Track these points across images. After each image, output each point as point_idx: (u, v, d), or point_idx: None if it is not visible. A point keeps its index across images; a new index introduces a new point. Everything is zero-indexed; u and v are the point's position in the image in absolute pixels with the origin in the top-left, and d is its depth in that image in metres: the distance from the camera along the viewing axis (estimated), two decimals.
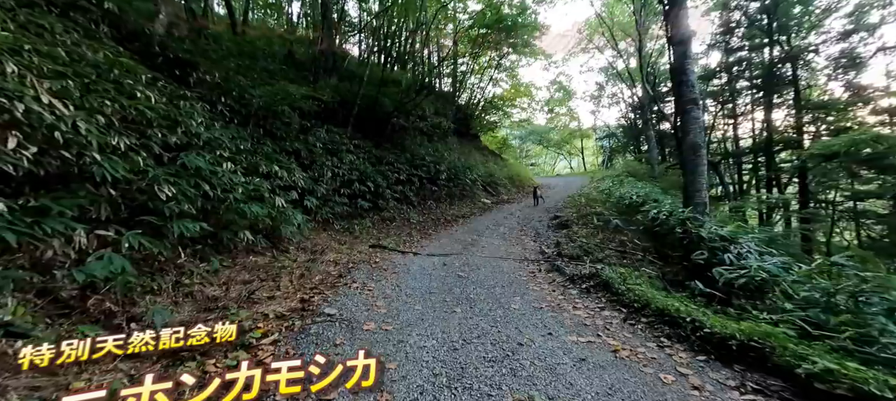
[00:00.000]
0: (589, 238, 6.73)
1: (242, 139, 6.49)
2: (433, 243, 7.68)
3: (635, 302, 3.45)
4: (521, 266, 5.48)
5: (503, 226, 9.69)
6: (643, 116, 22.09)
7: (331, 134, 9.84)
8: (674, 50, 5.94)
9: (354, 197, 8.79)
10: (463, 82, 23.56)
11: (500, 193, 17.24)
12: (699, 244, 4.74)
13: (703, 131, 5.68)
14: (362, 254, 6.09)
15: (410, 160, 12.03)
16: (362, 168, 9.43)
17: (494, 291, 4.25)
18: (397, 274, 4.96)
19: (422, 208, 11.30)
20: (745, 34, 17.36)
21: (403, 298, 3.92)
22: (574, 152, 39.64)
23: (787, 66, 16.31)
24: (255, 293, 3.74)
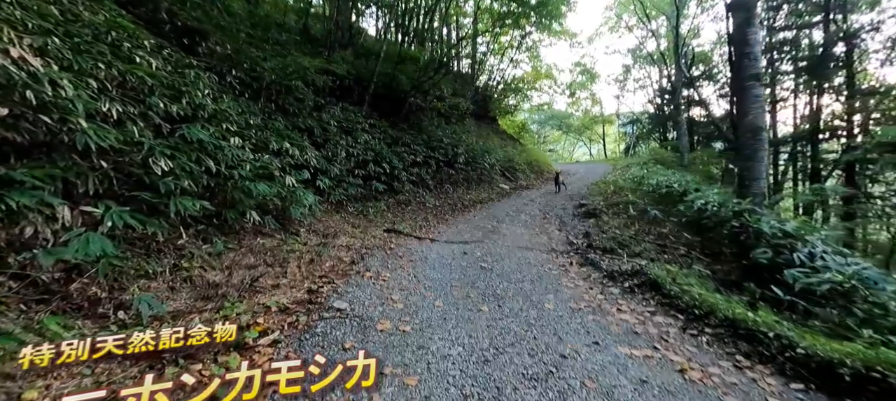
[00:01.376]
0: (622, 229, 6.15)
1: (252, 114, 6.11)
2: (451, 229, 7.24)
3: (695, 308, 2.93)
4: (549, 258, 4.99)
5: (524, 213, 9.16)
6: (674, 100, 20.83)
7: (346, 112, 9.40)
8: (733, 17, 5.19)
9: (369, 178, 8.38)
10: (482, 64, 22.69)
11: (519, 179, 16.60)
12: (759, 241, 4.13)
13: (764, 112, 4.97)
14: (377, 239, 5.70)
15: (427, 142, 11.52)
16: (378, 149, 9.00)
17: (523, 286, 3.78)
18: (414, 262, 4.54)
19: (438, 192, 10.84)
20: (794, 10, 15.88)
21: (422, 291, 3.51)
22: (595, 139, 38.28)
23: (839, 48, 14.87)
24: (259, 280, 3.38)
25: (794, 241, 3.95)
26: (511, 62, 22.65)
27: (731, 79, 5.10)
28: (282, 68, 7.09)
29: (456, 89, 16.15)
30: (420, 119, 12.62)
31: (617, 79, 31.95)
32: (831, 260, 3.58)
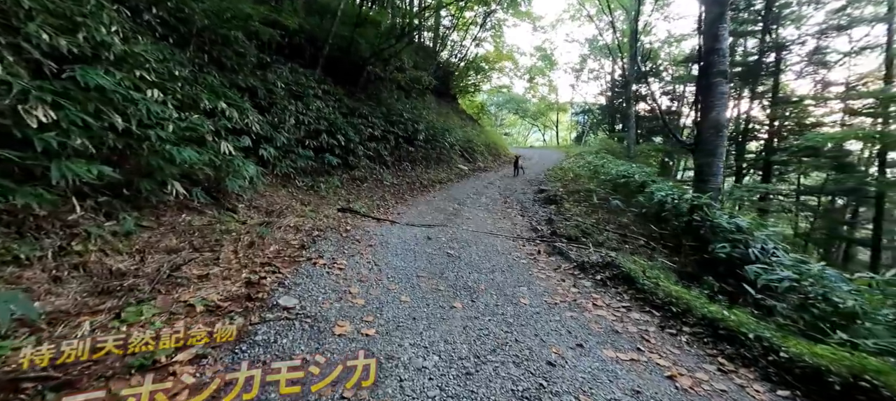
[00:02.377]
0: (584, 217, 6.16)
1: (178, 64, 5.09)
2: (411, 211, 6.81)
3: (671, 304, 2.85)
4: (516, 246, 4.80)
5: (485, 196, 8.98)
6: (625, 93, 21.81)
7: (296, 74, 8.40)
8: (706, 11, 5.20)
9: (321, 150, 7.61)
10: (445, 38, 21.90)
11: (477, 161, 16.46)
12: (716, 235, 4.25)
13: (726, 108, 5.10)
14: (330, 219, 5.12)
15: (386, 115, 10.81)
16: (332, 118, 8.19)
17: (494, 277, 3.52)
18: (374, 248, 4.09)
19: (397, 170, 10.29)
20: (735, 18, 17.07)
21: (385, 283, 3.09)
22: (549, 125, 39.40)
23: (769, 58, 16.34)
24: (182, 269, 2.73)
25: (747, 236, 4.12)
26: (474, 40, 22.11)
27: (699, 74, 5.15)
28: (217, 12, 6.00)
29: (417, 62, 15.35)
30: (379, 90, 11.80)
31: (574, 68, 32.84)
32: (783, 256, 3.77)
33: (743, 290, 3.71)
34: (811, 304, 2.91)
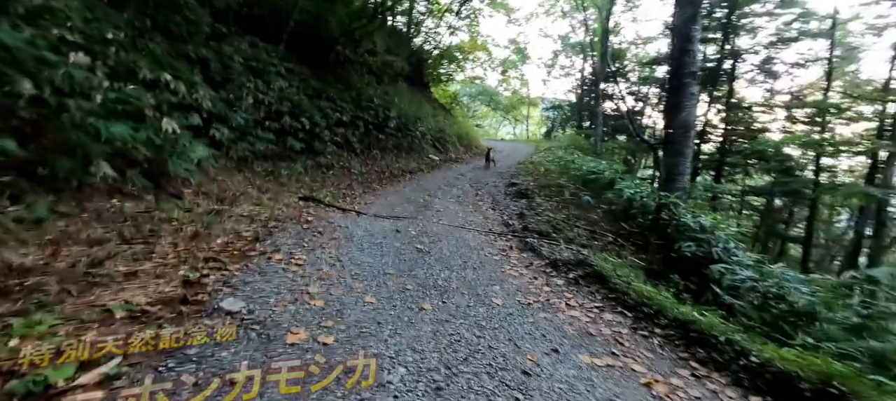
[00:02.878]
0: (555, 212, 6.15)
1: (113, 26, 4.45)
2: (380, 201, 6.51)
3: (643, 306, 2.82)
4: (488, 241, 4.66)
5: (456, 188, 8.81)
6: (594, 91, 22.34)
7: (256, 49, 7.74)
8: (679, 11, 5.25)
9: (283, 134, 7.10)
10: (419, 24, 21.33)
11: (449, 151, 16.26)
12: (681, 234, 4.34)
13: (695, 109, 5.20)
14: (290, 208, 4.74)
15: (356, 100, 10.32)
16: (296, 99, 7.65)
17: (466, 275, 3.35)
18: (337, 241, 3.79)
19: (366, 158, 9.88)
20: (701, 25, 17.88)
21: (348, 281, 2.83)
22: (520, 119, 39.84)
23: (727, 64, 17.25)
24: (105, 264, 2.34)
25: (710, 236, 4.24)
26: (449, 28, 21.68)
27: (671, 74, 5.22)
28: None
29: (390, 47, 14.81)
30: (349, 73, 11.24)
31: (546, 63, 33.26)
32: (743, 255, 3.90)
33: (706, 288, 3.80)
34: (770, 304, 3.00)
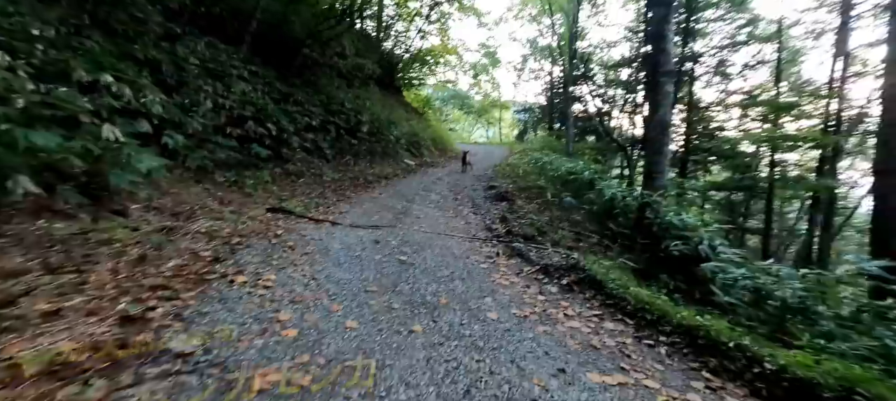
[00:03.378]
0: (537, 215, 6.03)
1: (41, 21, 3.90)
2: (355, 209, 6.15)
3: (643, 311, 2.68)
4: (473, 248, 4.44)
5: (434, 192, 8.56)
6: (564, 93, 22.82)
7: (215, 51, 7.19)
8: (653, 12, 5.29)
9: (247, 140, 6.59)
10: (389, 28, 21.03)
11: (424, 156, 16.02)
12: (667, 232, 4.31)
13: (672, 108, 5.24)
14: (256, 221, 4.31)
15: (325, 104, 9.88)
16: (260, 103, 7.15)
17: (455, 287, 3.10)
18: (311, 256, 3.44)
19: (338, 164, 9.45)
20: None
21: (325, 302, 2.51)
22: (492, 122, 40.21)
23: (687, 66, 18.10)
24: (20, 302, 1.90)
25: (694, 233, 4.23)
26: (419, 32, 21.47)
27: (647, 74, 5.25)
28: None
29: (360, 50, 14.40)
30: (317, 76, 10.76)
31: (516, 67, 33.73)
32: (729, 252, 3.90)
33: (695, 286, 3.75)
34: (765, 301, 2.96)
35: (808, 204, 17.31)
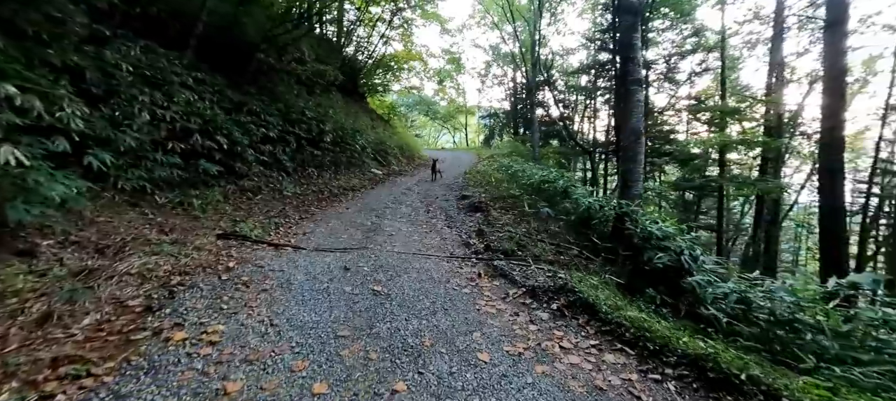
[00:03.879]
0: (514, 226, 5.84)
1: None
2: (321, 228, 5.65)
3: (645, 339, 2.49)
4: (452, 268, 4.13)
5: (405, 205, 8.18)
6: (529, 99, 23.23)
7: (153, 56, 6.41)
8: (620, 21, 5.29)
9: (194, 155, 5.91)
10: (351, 33, 20.37)
11: (391, 164, 15.55)
12: (648, 243, 4.24)
13: (643, 115, 5.25)
14: (204, 252, 3.75)
15: (284, 113, 9.22)
16: (209, 114, 6.46)
17: (438, 322, 2.77)
18: (270, 294, 2.97)
19: (300, 177, 8.83)
20: None
21: (286, 359, 2.09)
22: (458, 127, 40.32)
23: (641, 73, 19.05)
24: None
25: (674, 243, 4.19)
26: (382, 38, 20.98)
27: (616, 83, 5.25)
28: None
29: (320, 55, 13.75)
30: (274, 83, 10.05)
31: (480, 73, 34.08)
32: (712, 263, 3.88)
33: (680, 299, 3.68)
34: (756, 316, 2.90)
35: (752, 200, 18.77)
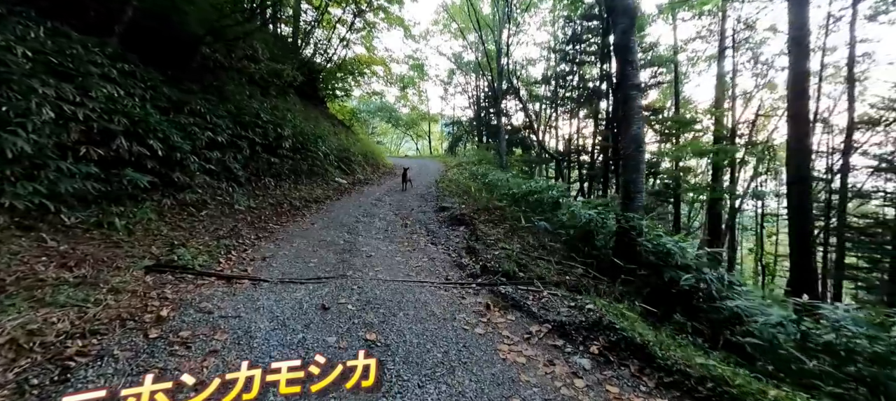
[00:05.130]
0: (506, 241, 5.31)
1: None
2: (284, 250, 4.74)
3: (719, 395, 1.99)
4: (453, 299, 3.45)
5: (378, 218, 7.38)
6: (495, 107, 23.19)
7: (63, 41, 5.15)
8: (615, 25, 5.01)
9: (117, 163, 4.77)
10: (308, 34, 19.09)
11: (356, 172, 14.54)
12: (665, 261, 3.87)
13: (643, 122, 4.97)
14: (126, 296, 2.77)
15: (236, 115, 8.05)
16: (138, 113, 5.30)
17: (458, 383, 2.10)
18: (223, 357, 2.13)
19: (254, 188, 7.71)
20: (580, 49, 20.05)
21: None
22: (421, 135, 39.73)
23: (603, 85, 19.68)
24: None
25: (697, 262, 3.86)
26: (342, 41, 19.85)
27: (616, 88, 4.93)
28: None
29: (275, 55, 12.55)
30: (222, 82, 8.81)
31: (443, 80, 33.83)
32: (743, 286, 3.57)
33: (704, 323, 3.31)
34: (815, 351, 2.55)
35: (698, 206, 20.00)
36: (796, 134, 7.09)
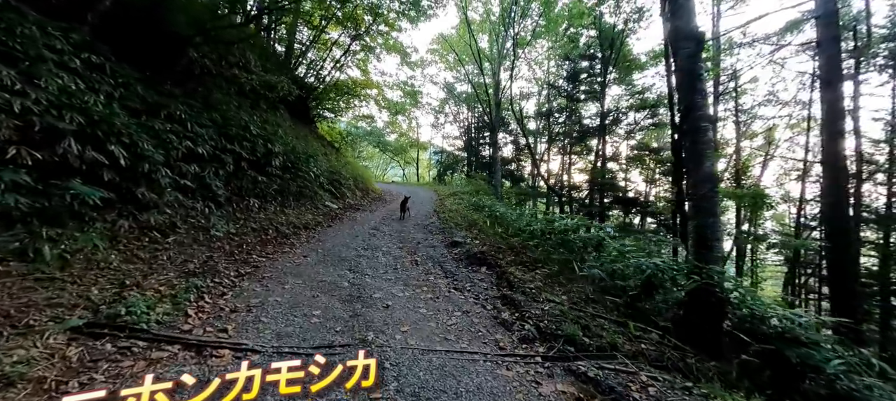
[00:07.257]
0: (549, 291, 4.40)
1: None
2: (274, 296, 3.65)
3: None
4: (523, 384, 2.49)
5: (381, 251, 6.36)
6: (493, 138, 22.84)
7: (10, 15, 4.11)
8: (677, 50, 4.44)
9: (63, 171, 3.66)
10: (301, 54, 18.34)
11: (346, 197, 13.46)
12: (760, 325, 3.06)
13: (715, 157, 4.31)
14: (25, 386, 1.67)
15: (221, 126, 7.02)
16: (99, 111, 4.24)
17: None
18: None
19: (235, 209, 6.58)
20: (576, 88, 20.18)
21: None
22: (409, 161, 39.03)
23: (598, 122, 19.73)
24: None
25: (804, 332, 3.07)
26: (335, 64, 19.17)
27: (681, 120, 4.31)
28: None
29: (268, 68, 11.69)
30: (209, 89, 7.81)
31: (434, 109, 33.63)
32: None
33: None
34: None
35: None
36: (832, 160, 6.53)
